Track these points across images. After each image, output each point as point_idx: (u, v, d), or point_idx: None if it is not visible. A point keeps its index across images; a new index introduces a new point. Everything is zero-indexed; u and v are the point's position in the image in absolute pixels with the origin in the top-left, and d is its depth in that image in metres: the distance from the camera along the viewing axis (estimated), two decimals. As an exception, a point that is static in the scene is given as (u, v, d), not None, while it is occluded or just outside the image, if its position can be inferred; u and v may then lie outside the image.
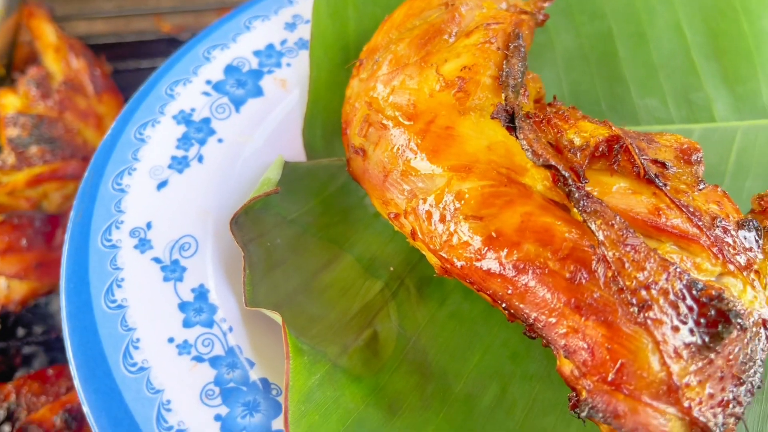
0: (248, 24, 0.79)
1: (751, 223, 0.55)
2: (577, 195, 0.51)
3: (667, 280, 0.48)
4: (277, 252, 0.66)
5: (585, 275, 0.49)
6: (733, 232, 0.54)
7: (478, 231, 0.53)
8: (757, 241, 0.54)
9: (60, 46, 1.11)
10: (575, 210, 0.52)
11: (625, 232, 0.49)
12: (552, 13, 0.79)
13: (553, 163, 0.51)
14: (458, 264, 0.54)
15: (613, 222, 0.50)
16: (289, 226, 0.69)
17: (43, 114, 1.03)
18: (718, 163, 0.73)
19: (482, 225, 0.53)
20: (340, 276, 0.67)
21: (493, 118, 0.54)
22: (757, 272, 0.53)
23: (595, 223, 0.50)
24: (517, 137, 0.53)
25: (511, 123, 0.54)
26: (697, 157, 0.59)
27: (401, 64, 0.64)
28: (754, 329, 0.51)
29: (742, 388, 0.49)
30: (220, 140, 0.73)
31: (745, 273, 0.52)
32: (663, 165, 0.57)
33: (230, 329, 0.63)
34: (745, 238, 0.54)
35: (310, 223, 0.70)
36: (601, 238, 0.49)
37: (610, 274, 0.48)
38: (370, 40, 0.70)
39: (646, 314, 0.47)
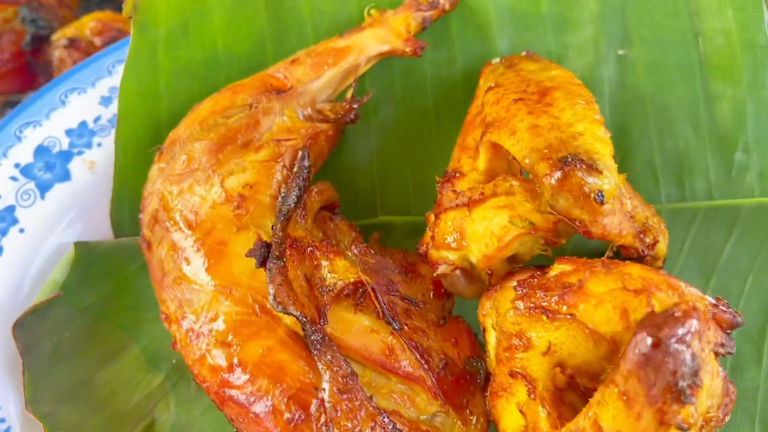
0: (64, 98, 0.82)
1: (474, 364, 0.64)
2: (312, 338, 0.58)
3: (372, 429, 0.56)
4: (64, 345, 0.73)
5: (302, 416, 0.58)
6: (457, 373, 0.63)
7: (224, 357, 0.61)
8: (477, 379, 0.64)
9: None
10: (313, 348, 0.60)
11: (347, 379, 0.58)
12: (375, 84, 0.85)
13: (291, 311, 0.58)
14: (204, 384, 0.62)
15: (338, 369, 0.58)
16: (80, 316, 0.76)
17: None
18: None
19: (228, 352, 0.61)
20: (123, 368, 0.75)
21: (247, 256, 0.61)
22: (470, 411, 0.63)
23: (322, 367, 0.58)
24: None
25: (264, 262, 0.61)
26: (448, 292, 0.68)
27: (193, 166, 0.70)
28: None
29: None
30: (21, 230, 0.78)
31: (459, 411, 0.62)
32: (410, 302, 0.65)
33: (8, 429, 0.71)
34: (469, 376, 0.64)
35: (103, 309, 0.77)
36: (325, 383, 0.57)
37: (323, 419, 0.57)
38: (176, 128, 0.75)
39: (347, 461, 0.56)
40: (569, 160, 0.60)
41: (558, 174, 0.59)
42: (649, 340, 0.49)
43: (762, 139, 0.85)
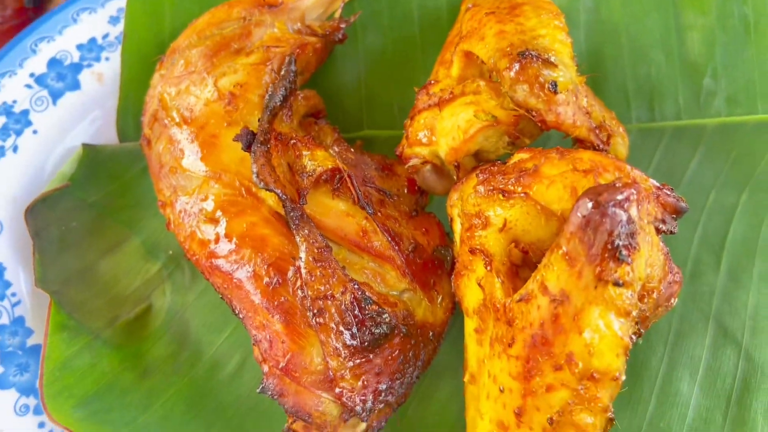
0: (76, 16, 0.89)
1: (442, 252, 0.70)
2: (291, 214, 0.64)
3: (342, 293, 0.62)
4: (71, 234, 0.81)
5: (280, 281, 0.64)
6: (425, 257, 0.69)
7: (212, 231, 0.67)
8: (444, 265, 0.70)
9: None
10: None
11: (322, 250, 0.63)
12: (363, 13, 0.91)
13: (272, 187, 0.64)
14: (194, 257, 0.68)
15: (314, 241, 0.64)
16: (87, 210, 0.83)
17: None
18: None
19: (216, 227, 0.67)
20: (124, 257, 0.82)
21: (234, 140, 0.67)
22: (436, 291, 0.69)
23: (300, 239, 0.64)
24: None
25: (250, 147, 0.67)
26: (421, 189, 0.73)
27: (190, 69, 0.76)
28: (420, 336, 0.67)
29: (398, 382, 0.65)
30: (35, 132, 0.85)
31: (425, 290, 0.68)
32: (384, 193, 0.71)
33: (19, 302, 0.79)
34: (437, 262, 0.70)
35: (107, 206, 0.84)
36: (302, 252, 0.63)
37: (299, 283, 0.63)
38: (176, 39, 0.81)
39: (318, 319, 0.62)
40: (527, 53, 0.65)
41: (516, 66, 0.65)
42: (590, 204, 0.54)
43: (730, 66, 0.90)
